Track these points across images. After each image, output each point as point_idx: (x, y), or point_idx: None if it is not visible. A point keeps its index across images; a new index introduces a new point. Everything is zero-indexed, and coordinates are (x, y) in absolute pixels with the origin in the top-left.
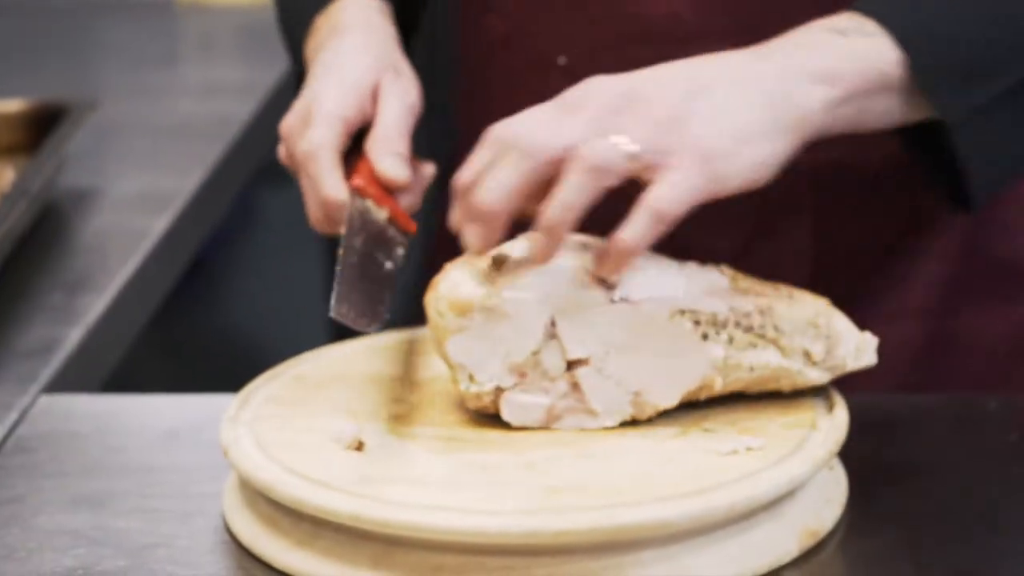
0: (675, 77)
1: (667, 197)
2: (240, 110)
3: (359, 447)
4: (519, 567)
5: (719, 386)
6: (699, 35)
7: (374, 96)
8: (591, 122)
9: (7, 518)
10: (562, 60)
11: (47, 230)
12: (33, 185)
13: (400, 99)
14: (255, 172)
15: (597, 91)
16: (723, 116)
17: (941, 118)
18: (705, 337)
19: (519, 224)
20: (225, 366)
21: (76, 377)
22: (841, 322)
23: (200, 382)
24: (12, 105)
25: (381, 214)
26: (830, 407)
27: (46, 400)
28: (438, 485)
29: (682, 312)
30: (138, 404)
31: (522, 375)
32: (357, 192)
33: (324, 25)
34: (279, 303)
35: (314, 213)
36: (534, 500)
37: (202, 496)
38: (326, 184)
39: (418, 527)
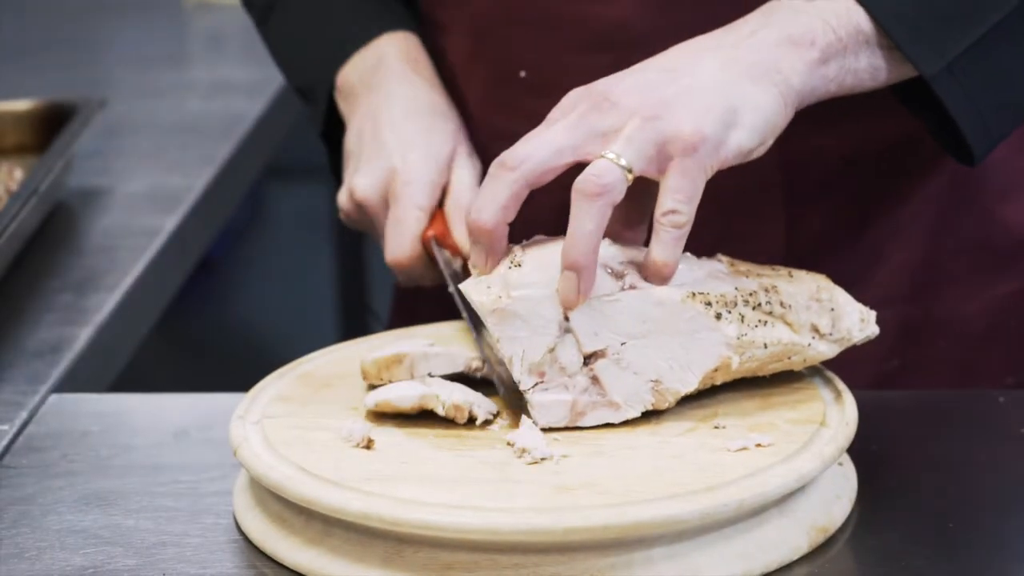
0: (644, 71)
1: (677, 205)
2: (249, 109)
3: (369, 445)
4: (529, 565)
5: (736, 365)
6: (653, 38)
7: (450, 165)
8: (572, 127)
9: (17, 517)
10: (523, 74)
11: (56, 229)
12: (42, 184)
13: (473, 173)
14: (264, 171)
15: (573, 98)
16: (702, 95)
17: (917, 67)
18: (718, 317)
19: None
20: (234, 364)
21: (85, 376)
22: (842, 295)
23: (209, 381)
24: (21, 105)
25: (457, 263)
26: (840, 403)
27: (56, 399)
28: (448, 483)
29: (693, 295)
30: (147, 403)
31: (541, 374)
32: (438, 242)
33: (367, 67)
34: (288, 301)
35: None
36: (544, 498)
37: (212, 495)
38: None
39: (428, 525)
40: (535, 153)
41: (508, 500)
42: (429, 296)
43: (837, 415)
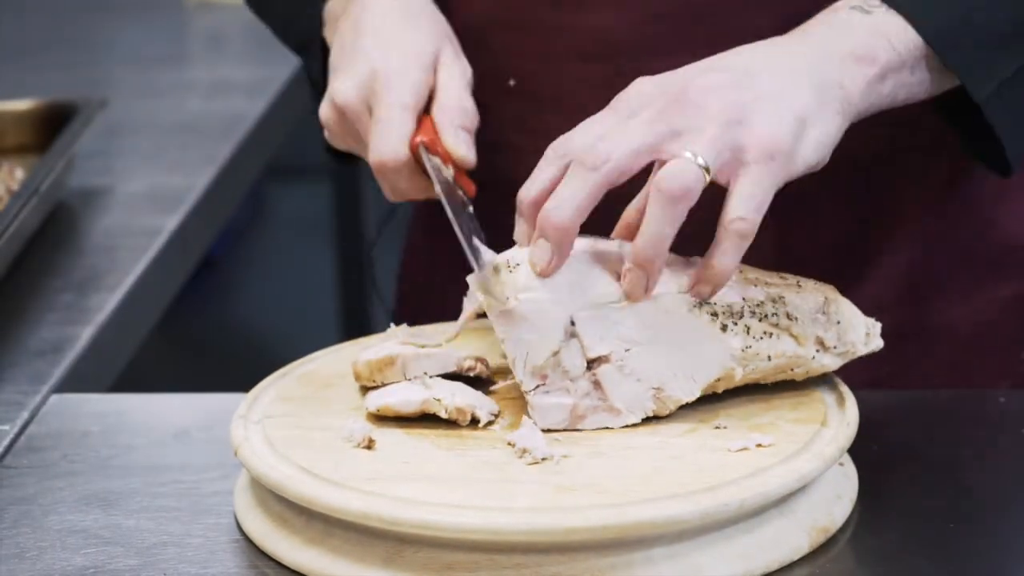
0: (720, 69)
1: (746, 212)
2: (250, 108)
3: (370, 445)
4: (530, 565)
5: (739, 376)
6: (642, 49)
7: (435, 66)
8: (651, 125)
9: (18, 517)
10: (512, 82)
11: (57, 229)
12: (43, 184)
13: (461, 71)
14: (265, 170)
15: (648, 93)
16: (778, 104)
17: (969, 91)
18: (724, 329)
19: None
20: (235, 364)
21: (86, 376)
22: (848, 308)
23: (210, 381)
24: (22, 104)
25: (448, 172)
26: (841, 404)
27: (57, 399)
28: (449, 483)
29: (699, 305)
30: (148, 403)
31: (543, 377)
32: (427, 148)
33: None
34: (289, 301)
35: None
36: (545, 498)
37: (213, 495)
38: (393, 145)
39: (429, 525)
40: (615, 152)
41: (509, 500)
42: (434, 291)
43: (838, 415)
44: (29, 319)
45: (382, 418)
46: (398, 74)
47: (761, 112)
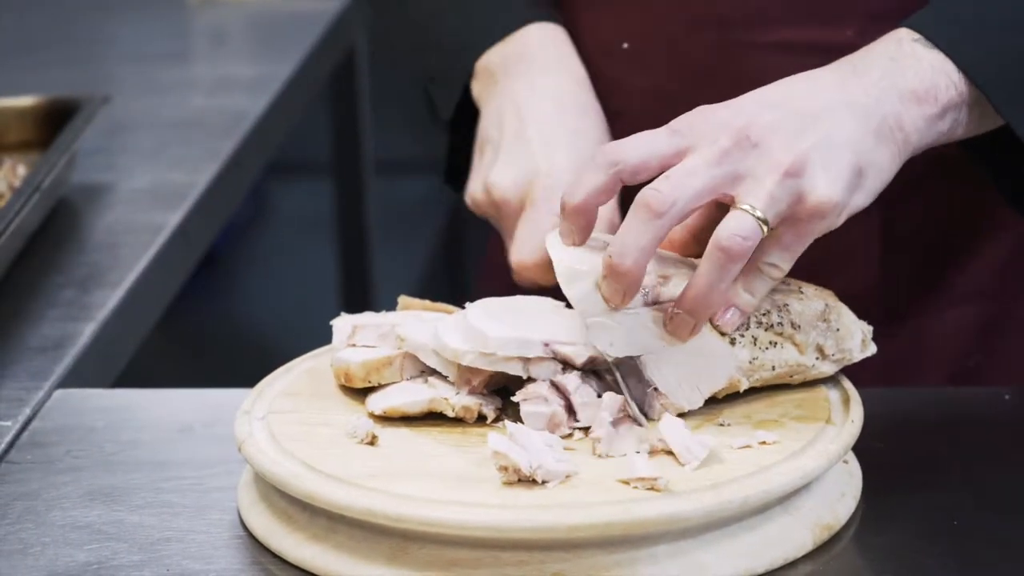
0: (783, 106)
1: (782, 262)
2: (252, 105)
3: (373, 441)
4: (533, 562)
5: (743, 387)
6: (752, 19)
7: None
8: (714, 167)
9: (21, 513)
10: (625, 45)
11: (59, 226)
12: (45, 181)
13: None
14: (268, 167)
15: (711, 126)
16: (838, 155)
17: (1017, 134)
18: (732, 342)
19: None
20: (239, 360)
21: (90, 372)
22: (847, 315)
23: (214, 376)
24: (24, 101)
25: None
26: (845, 402)
27: (60, 395)
28: (453, 480)
29: None
30: (152, 399)
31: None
32: None
33: (511, 53)
34: (292, 297)
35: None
36: (548, 495)
37: (216, 490)
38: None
39: (433, 522)
40: (680, 198)
41: (512, 497)
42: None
43: (842, 413)
44: (31, 316)
45: (385, 416)
46: (559, 180)
47: (820, 164)
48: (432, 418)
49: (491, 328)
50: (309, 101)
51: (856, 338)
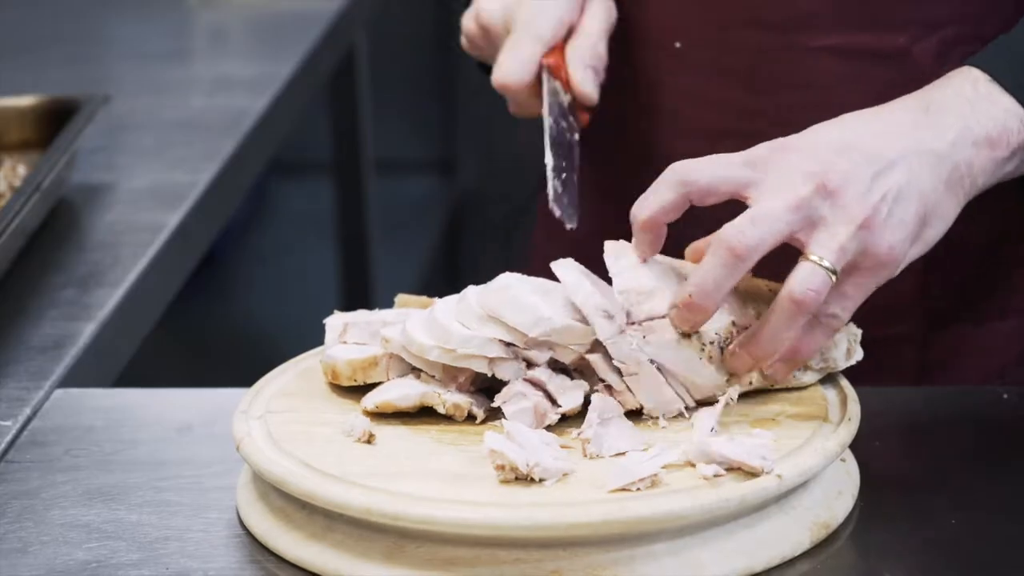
0: (859, 154)
1: (843, 312)
2: (253, 104)
3: (370, 440)
4: (531, 560)
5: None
6: (809, 22)
7: (582, 6)
8: (792, 212)
9: (21, 512)
10: (678, 44)
11: (59, 225)
12: (45, 180)
13: (605, 17)
14: (267, 167)
15: (787, 169)
16: (907, 206)
17: None
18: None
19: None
20: (237, 360)
21: (89, 372)
22: None
23: (213, 376)
24: (24, 101)
25: (566, 98)
26: (842, 400)
27: (59, 395)
28: (450, 478)
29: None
30: (151, 398)
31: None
32: (550, 71)
33: None
34: (291, 297)
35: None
36: (546, 493)
37: (215, 490)
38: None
39: (430, 520)
40: (762, 243)
41: (510, 495)
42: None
43: (839, 412)
44: (31, 315)
45: (382, 414)
46: (542, 6)
47: (888, 219)
48: (429, 417)
49: (455, 325)
50: (309, 101)
51: (841, 347)
